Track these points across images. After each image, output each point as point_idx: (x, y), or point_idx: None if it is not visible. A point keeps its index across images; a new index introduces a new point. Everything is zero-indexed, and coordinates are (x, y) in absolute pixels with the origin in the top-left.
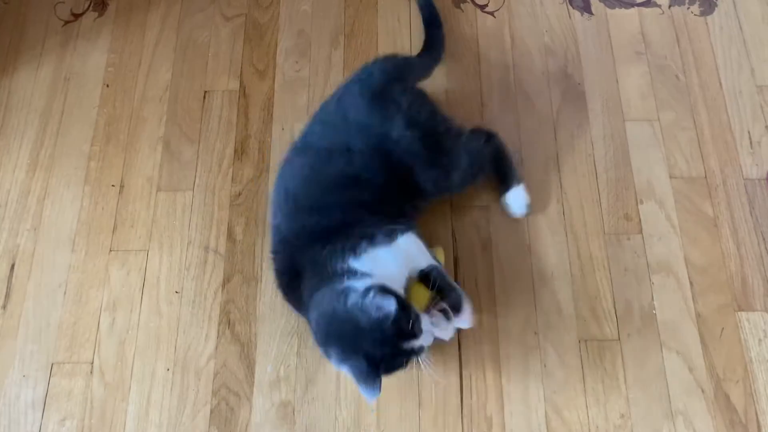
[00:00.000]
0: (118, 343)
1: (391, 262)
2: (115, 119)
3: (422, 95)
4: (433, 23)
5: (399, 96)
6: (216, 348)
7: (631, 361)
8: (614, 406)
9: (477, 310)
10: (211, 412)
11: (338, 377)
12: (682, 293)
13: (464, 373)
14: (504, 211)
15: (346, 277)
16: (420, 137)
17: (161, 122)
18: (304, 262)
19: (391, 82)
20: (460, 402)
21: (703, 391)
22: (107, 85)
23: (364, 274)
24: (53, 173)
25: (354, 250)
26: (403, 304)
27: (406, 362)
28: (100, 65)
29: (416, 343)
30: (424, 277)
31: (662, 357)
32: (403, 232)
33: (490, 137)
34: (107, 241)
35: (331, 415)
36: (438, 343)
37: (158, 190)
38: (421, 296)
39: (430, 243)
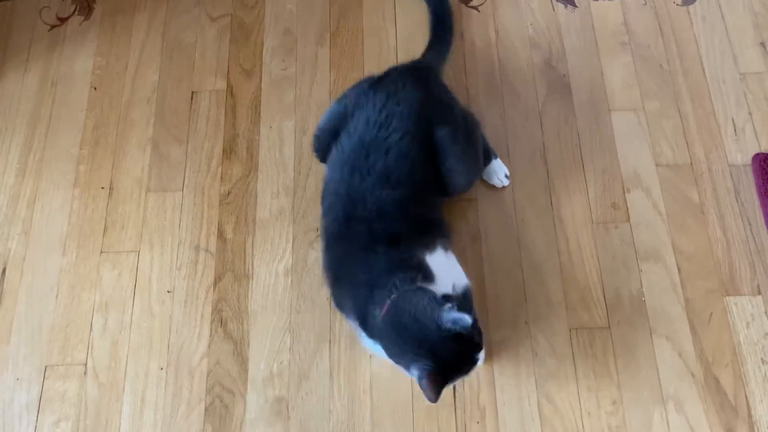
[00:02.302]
0: (111, 343)
1: (451, 269)
2: (103, 122)
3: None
4: (445, 16)
5: (441, 93)
6: (209, 346)
7: (622, 348)
8: (606, 393)
9: None
10: (206, 410)
11: (331, 372)
12: (671, 280)
13: None
14: (488, 183)
15: (419, 275)
16: (462, 131)
17: (149, 124)
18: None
19: (433, 80)
20: (453, 393)
21: (693, 375)
22: (95, 88)
23: (432, 277)
24: (42, 177)
25: (427, 248)
26: (475, 318)
27: (468, 372)
28: (87, 69)
29: (479, 355)
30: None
31: (652, 343)
32: (447, 246)
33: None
34: (98, 243)
35: (325, 410)
36: None
37: (148, 191)
38: None
39: None
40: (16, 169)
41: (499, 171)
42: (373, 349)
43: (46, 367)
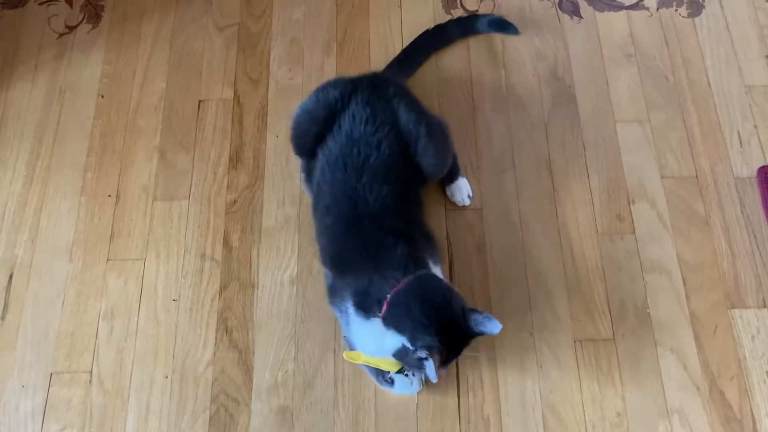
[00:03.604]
0: (116, 351)
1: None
2: (110, 130)
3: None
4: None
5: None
6: (214, 355)
7: (626, 360)
8: (610, 405)
9: None
10: (210, 418)
11: (336, 381)
12: (676, 292)
13: (461, 374)
14: (449, 199)
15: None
16: (425, 123)
17: (156, 132)
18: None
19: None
20: (457, 403)
21: (698, 388)
22: (102, 96)
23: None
24: (50, 184)
25: (426, 251)
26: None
27: (459, 354)
28: (94, 77)
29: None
30: None
31: (657, 355)
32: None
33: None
34: (104, 251)
35: (330, 419)
36: None
37: (154, 199)
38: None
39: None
40: (24, 176)
41: (463, 189)
42: (355, 341)
43: (51, 374)
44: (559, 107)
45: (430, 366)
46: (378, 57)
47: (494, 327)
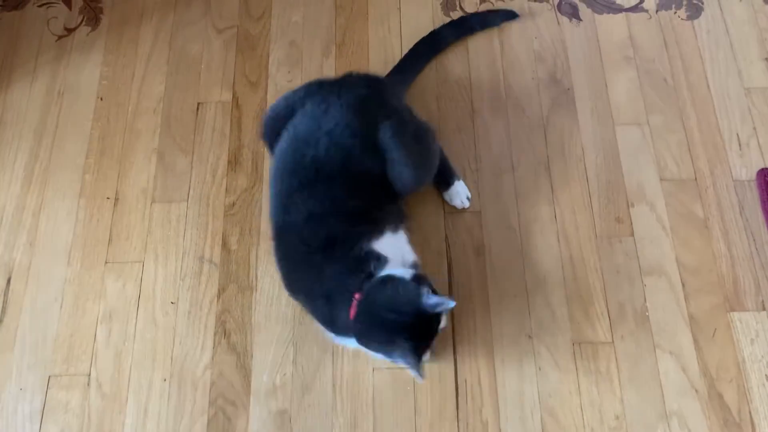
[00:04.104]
0: (114, 354)
1: (401, 247)
2: (109, 132)
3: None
4: (430, 53)
5: (391, 97)
6: (212, 358)
7: (625, 362)
8: (609, 408)
9: (471, 314)
10: (209, 421)
11: (334, 384)
12: (675, 294)
13: (459, 378)
14: (448, 203)
15: (371, 263)
16: (410, 129)
17: (155, 134)
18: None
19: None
20: (455, 407)
21: (696, 391)
22: (101, 99)
23: (385, 259)
24: (48, 187)
25: (372, 235)
26: (435, 290)
27: (434, 338)
28: (93, 79)
29: (441, 326)
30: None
31: (656, 358)
32: (398, 226)
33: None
34: (103, 254)
35: (328, 423)
36: (434, 347)
37: (153, 201)
38: None
39: (426, 248)
40: (22, 178)
41: (461, 193)
42: (345, 342)
43: (49, 377)
44: (558, 110)
45: (413, 372)
46: (377, 59)
47: (446, 305)
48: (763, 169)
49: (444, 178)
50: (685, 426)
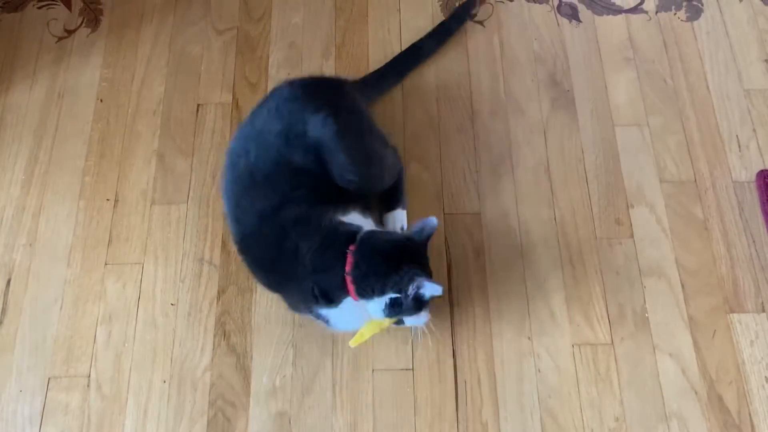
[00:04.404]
0: (114, 356)
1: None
2: (109, 134)
3: (358, 105)
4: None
5: (342, 99)
6: (212, 359)
7: (625, 364)
8: (609, 410)
9: (471, 316)
10: (208, 423)
11: (334, 386)
12: (674, 296)
13: (459, 379)
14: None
15: (348, 226)
16: (352, 126)
17: (155, 136)
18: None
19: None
20: (455, 408)
21: (696, 393)
22: (101, 100)
23: (359, 227)
24: (48, 189)
25: (338, 211)
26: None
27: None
28: (93, 80)
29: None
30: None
31: (655, 360)
32: (366, 214)
33: (396, 152)
34: (102, 255)
35: (328, 424)
36: (434, 349)
37: (153, 203)
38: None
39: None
40: (22, 180)
41: (399, 221)
42: (342, 326)
43: (49, 378)
44: (558, 111)
45: (429, 287)
46: (377, 61)
47: (431, 222)
48: (762, 170)
49: (390, 200)
50: (684, 428)
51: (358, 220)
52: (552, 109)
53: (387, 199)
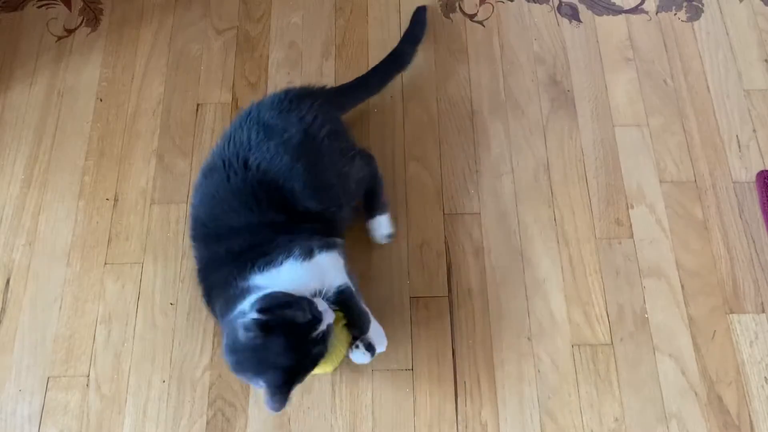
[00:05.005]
0: (113, 355)
1: (302, 276)
2: (108, 133)
3: (328, 116)
4: (411, 40)
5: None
6: (211, 359)
7: (625, 365)
8: (608, 410)
9: (470, 316)
10: (207, 423)
11: (333, 386)
12: (674, 297)
13: (458, 379)
14: (369, 236)
15: (245, 296)
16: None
17: (154, 135)
18: (217, 284)
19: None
20: (455, 409)
21: (696, 393)
22: (101, 100)
23: (262, 289)
24: (48, 188)
25: (260, 266)
26: (297, 302)
27: (319, 355)
28: (93, 80)
29: (321, 328)
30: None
31: (655, 360)
32: (322, 249)
33: (370, 160)
34: (102, 255)
35: (327, 424)
36: (432, 348)
37: (152, 202)
38: (344, 336)
39: (426, 250)
40: (22, 180)
41: (382, 227)
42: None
43: (48, 378)
44: (558, 111)
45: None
46: (376, 61)
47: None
48: (762, 170)
49: (370, 206)
50: (684, 428)
51: (322, 254)
52: (552, 109)
53: (367, 206)
